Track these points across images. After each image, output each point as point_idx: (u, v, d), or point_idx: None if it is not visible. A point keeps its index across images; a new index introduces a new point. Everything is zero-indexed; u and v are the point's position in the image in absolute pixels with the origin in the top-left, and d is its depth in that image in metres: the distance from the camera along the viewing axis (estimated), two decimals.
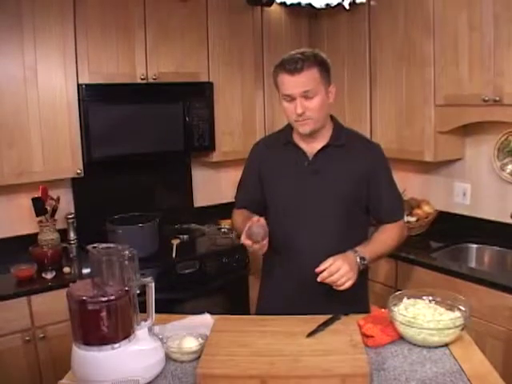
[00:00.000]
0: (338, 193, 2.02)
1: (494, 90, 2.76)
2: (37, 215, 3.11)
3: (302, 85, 1.89)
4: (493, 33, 2.74)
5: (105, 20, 3.09)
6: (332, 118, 2.11)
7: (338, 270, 1.81)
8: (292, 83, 1.90)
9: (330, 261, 1.83)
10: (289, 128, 2.11)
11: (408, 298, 1.86)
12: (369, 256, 1.94)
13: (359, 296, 2.15)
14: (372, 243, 2.02)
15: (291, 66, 1.89)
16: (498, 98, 2.74)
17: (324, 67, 1.94)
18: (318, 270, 1.83)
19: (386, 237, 2.07)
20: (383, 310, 1.88)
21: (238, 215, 2.22)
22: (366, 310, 2.09)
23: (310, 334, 1.72)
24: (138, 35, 3.20)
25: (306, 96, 1.91)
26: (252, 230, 1.84)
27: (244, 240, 1.87)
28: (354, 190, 2.04)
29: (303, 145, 2.07)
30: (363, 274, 2.19)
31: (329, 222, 2.03)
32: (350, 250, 1.93)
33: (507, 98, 2.71)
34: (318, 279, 1.83)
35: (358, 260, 1.91)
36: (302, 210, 2.04)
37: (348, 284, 1.83)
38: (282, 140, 2.13)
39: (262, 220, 1.88)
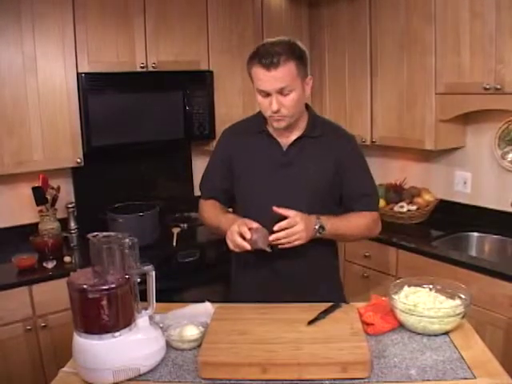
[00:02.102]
0: (311, 185, 1.98)
1: (495, 79, 2.75)
2: (37, 204, 3.11)
3: (278, 81, 1.80)
4: (495, 20, 2.72)
5: (104, 8, 3.07)
6: (307, 107, 2.04)
7: (294, 233, 1.81)
8: (267, 79, 1.80)
9: (294, 219, 1.81)
10: (262, 116, 2.00)
11: (408, 286, 1.87)
12: (329, 228, 1.91)
13: (333, 285, 2.15)
14: (338, 219, 1.97)
15: (267, 59, 1.77)
16: (499, 87, 2.73)
17: (301, 60, 1.84)
18: (276, 209, 1.82)
19: (355, 220, 2.02)
20: (383, 298, 1.88)
21: (209, 207, 2.15)
22: (341, 299, 2.05)
23: (311, 322, 1.72)
24: (137, 23, 3.18)
25: (282, 92, 1.83)
26: (256, 241, 1.81)
27: (244, 246, 1.84)
28: (328, 181, 1.99)
29: (277, 135, 2.01)
30: (333, 264, 2.18)
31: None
32: (315, 215, 1.90)
33: (508, 86, 2.70)
34: (275, 228, 1.81)
35: (317, 227, 1.88)
36: (274, 202, 1.92)
37: (296, 243, 1.83)
38: (255, 128, 2.05)
39: (261, 228, 1.84)
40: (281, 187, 1.98)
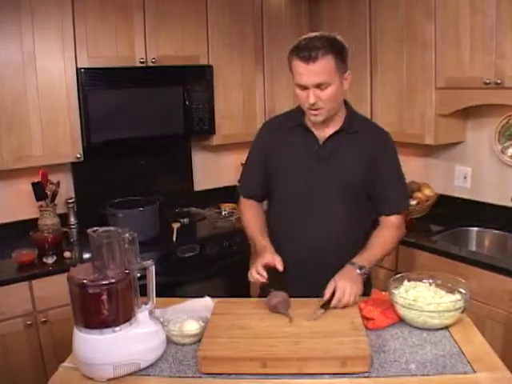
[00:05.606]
0: (345, 179, 2.01)
1: (495, 73, 2.74)
2: (37, 200, 3.10)
3: (316, 75, 1.82)
4: (495, 15, 2.71)
5: (103, 3, 3.05)
6: (346, 103, 2.06)
7: (343, 292, 1.80)
8: (306, 72, 1.83)
9: (331, 285, 1.82)
10: (300, 110, 2.04)
11: (408, 281, 1.87)
12: (368, 263, 1.94)
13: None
14: (369, 249, 2.00)
15: (305, 53, 1.80)
16: (499, 81, 2.72)
17: (340, 55, 1.86)
18: (326, 298, 1.81)
19: (384, 240, 2.05)
20: (384, 292, 1.88)
21: (249, 216, 2.16)
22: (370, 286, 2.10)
23: (323, 306, 1.75)
24: (136, 18, 3.17)
25: (319, 86, 1.85)
26: (277, 306, 1.78)
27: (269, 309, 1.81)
28: (362, 176, 2.01)
29: (315, 129, 2.03)
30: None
31: (335, 207, 2.02)
32: (348, 263, 1.91)
33: (509, 80, 2.69)
34: (331, 305, 1.80)
35: (358, 271, 1.89)
36: (309, 195, 2.01)
37: (352, 299, 1.81)
38: (292, 122, 2.08)
39: (282, 293, 1.83)
40: (316, 180, 2.01)
